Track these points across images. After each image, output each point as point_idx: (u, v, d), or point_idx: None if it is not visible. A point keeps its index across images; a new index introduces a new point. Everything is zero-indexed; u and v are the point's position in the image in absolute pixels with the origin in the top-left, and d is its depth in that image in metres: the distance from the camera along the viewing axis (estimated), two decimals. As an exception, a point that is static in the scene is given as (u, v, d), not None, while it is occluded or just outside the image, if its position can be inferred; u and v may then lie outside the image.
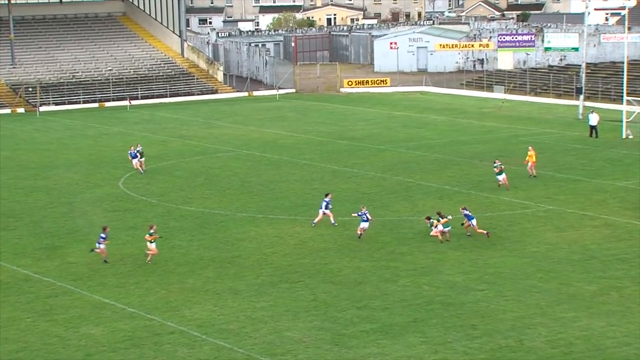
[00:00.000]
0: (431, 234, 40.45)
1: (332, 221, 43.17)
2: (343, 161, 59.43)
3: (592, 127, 67.10)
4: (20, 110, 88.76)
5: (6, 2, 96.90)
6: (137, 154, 56.39)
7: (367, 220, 40.87)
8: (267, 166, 58.54)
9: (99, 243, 38.16)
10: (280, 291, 34.35)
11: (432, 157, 59.58)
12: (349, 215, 44.45)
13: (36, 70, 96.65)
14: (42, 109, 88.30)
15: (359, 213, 41.16)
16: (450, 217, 40.86)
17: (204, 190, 51.63)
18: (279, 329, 30.47)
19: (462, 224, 40.99)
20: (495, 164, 49.98)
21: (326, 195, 43.66)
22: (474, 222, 40.76)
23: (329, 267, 37.15)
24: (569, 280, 34.97)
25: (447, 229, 40.31)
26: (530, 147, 54.84)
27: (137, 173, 55.78)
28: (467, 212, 40.97)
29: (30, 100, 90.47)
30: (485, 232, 40.69)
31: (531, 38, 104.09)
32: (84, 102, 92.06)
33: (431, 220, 40.61)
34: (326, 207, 43.06)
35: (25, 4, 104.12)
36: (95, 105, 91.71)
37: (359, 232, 41.08)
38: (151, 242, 38.08)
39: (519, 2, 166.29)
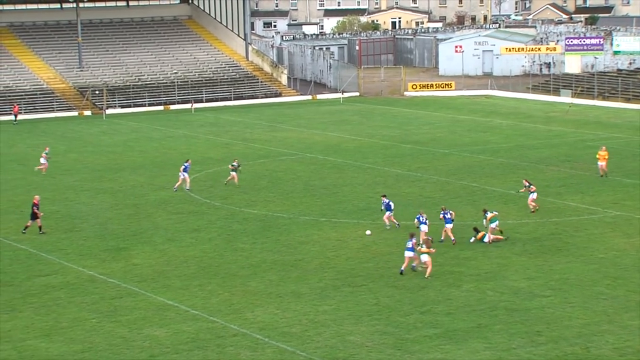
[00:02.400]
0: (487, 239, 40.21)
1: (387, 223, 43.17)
2: (407, 165, 59.25)
3: None
4: (87, 112, 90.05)
5: (74, 6, 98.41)
6: (234, 166, 54.06)
7: (425, 223, 40.66)
8: (330, 170, 58.58)
9: None
10: (343, 295, 34.34)
11: (497, 162, 59.14)
12: (412, 219, 44.28)
13: (103, 73, 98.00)
14: (109, 111, 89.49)
15: (418, 217, 41.17)
16: (496, 212, 40.97)
17: (267, 193, 51.84)
18: (341, 333, 30.46)
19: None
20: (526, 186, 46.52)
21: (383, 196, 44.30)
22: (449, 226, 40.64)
23: (392, 271, 37.05)
24: (637, 288, 34.43)
25: (495, 223, 40.32)
26: (603, 147, 54.69)
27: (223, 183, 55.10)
28: (447, 216, 40.68)
29: (96, 103, 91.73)
30: (453, 239, 40.44)
31: (599, 41, 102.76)
32: (150, 104, 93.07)
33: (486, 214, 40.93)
34: (388, 209, 43.14)
35: (93, 8, 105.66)
36: (161, 108, 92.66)
37: (423, 238, 40.73)
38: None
39: (587, 5, 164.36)
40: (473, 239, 40.97)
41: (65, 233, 44.11)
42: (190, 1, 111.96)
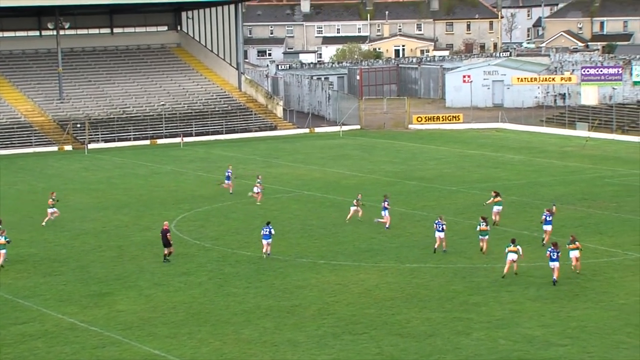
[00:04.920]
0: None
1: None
2: (412, 203, 59.32)
3: None
4: (68, 147, 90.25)
5: (54, 33, 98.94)
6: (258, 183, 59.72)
7: (442, 230, 45.61)
8: (329, 208, 58.64)
9: None
10: (343, 343, 34.27)
11: (509, 200, 59.19)
12: (418, 262, 44.37)
13: (85, 105, 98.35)
14: (91, 146, 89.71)
15: (436, 222, 45.90)
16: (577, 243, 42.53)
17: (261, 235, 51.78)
18: (341, 385, 30.37)
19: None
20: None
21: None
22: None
23: (395, 317, 37.01)
24: (660, 336, 34.40)
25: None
26: None
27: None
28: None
29: (78, 137, 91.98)
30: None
31: (618, 71, 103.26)
32: (135, 139, 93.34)
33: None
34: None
35: (74, 35, 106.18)
36: (147, 142, 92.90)
37: (437, 244, 46.05)
38: None
39: (605, 33, 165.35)
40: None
41: (44, 277, 44.06)
42: (178, 28, 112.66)
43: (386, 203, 51.90)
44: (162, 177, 72.54)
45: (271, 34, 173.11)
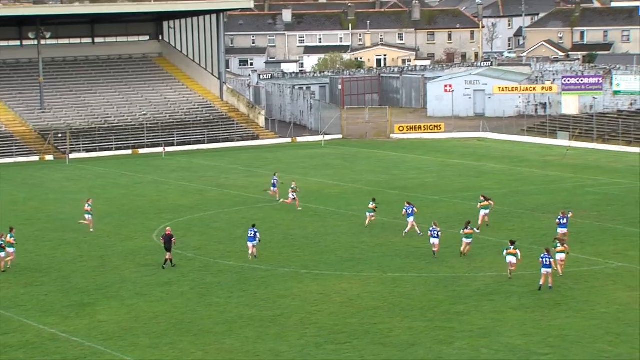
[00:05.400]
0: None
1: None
2: (393, 213, 59.37)
3: None
4: (49, 157, 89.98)
5: (35, 43, 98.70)
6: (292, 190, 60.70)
7: (437, 237, 46.85)
8: (311, 218, 58.65)
9: None
10: (326, 353, 34.26)
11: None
12: (400, 271, 44.47)
13: (66, 115, 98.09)
14: (72, 156, 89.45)
15: (430, 229, 47.08)
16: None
17: (244, 243, 51.74)
18: (324, 395, 30.37)
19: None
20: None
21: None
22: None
23: (378, 327, 37.03)
24: (641, 344, 34.54)
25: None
26: None
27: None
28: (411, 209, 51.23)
29: (59, 147, 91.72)
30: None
31: (598, 81, 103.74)
32: (117, 148, 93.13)
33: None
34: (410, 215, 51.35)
35: (56, 45, 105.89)
36: (129, 152, 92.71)
37: (434, 250, 47.16)
38: None
39: (585, 42, 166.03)
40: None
41: (25, 288, 43.90)
42: (160, 38, 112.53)
43: (411, 209, 52.83)
44: (144, 186, 72.40)
45: (253, 43, 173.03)
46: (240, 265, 46.93)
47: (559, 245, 43.77)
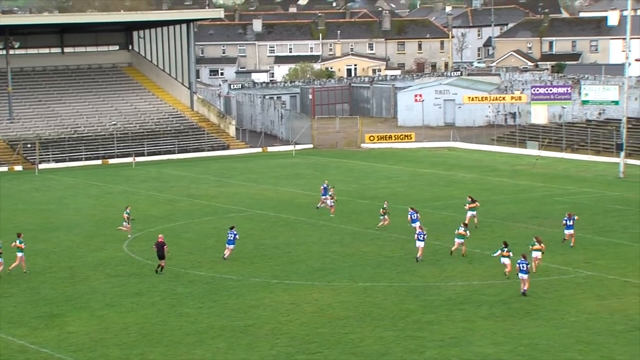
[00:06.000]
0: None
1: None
2: (364, 222, 59.45)
3: None
4: (18, 167, 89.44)
5: (4, 52, 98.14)
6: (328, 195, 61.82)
7: (423, 240, 48.10)
8: (282, 227, 58.60)
9: None
10: (297, 363, 34.21)
11: (460, 218, 59.43)
12: (371, 280, 44.52)
13: (35, 125, 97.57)
14: (42, 166, 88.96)
15: (417, 232, 48.50)
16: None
17: (215, 253, 51.70)
18: (295, 405, 30.32)
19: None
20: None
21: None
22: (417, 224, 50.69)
23: (349, 337, 37.03)
24: (611, 354, 34.70)
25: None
26: None
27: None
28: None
29: (28, 157, 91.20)
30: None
31: (567, 90, 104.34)
32: (87, 159, 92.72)
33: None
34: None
35: (25, 55, 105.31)
36: (99, 162, 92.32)
37: (419, 254, 48.27)
38: None
39: (554, 52, 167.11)
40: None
41: (-6, 298, 43.58)
42: (130, 47, 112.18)
43: (416, 215, 54.01)
44: (114, 197, 72.09)
45: (223, 53, 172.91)
46: (211, 276, 46.81)
47: (535, 243, 45.57)
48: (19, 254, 47.94)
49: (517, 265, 42.43)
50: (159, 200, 69.67)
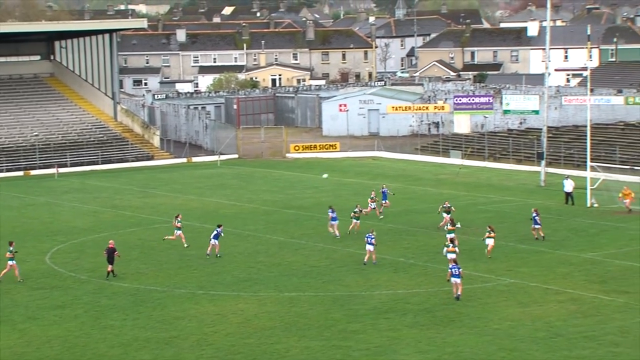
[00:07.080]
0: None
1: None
2: (290, 232, 59.46)
3: (568, 194, 67.71)
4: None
5: None
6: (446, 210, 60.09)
7: (372, 244, 48.74)
8: (207, 238, 58.28)
9: None
10: (223, 375, 34.07)
11: (385, 227, 59.85)
12: (297, 290, 44.54)
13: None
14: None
15: (367, 235, 49.17)
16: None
17: (139, 264, 51.29)
18: (221, 417, 30.19)
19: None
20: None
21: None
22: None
23: (275, 347, 36.99)
24: None
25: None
26: (625, 187, 65.04)
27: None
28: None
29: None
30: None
31: (489, 100, 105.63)
32: (8, 170, 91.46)
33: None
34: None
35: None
36: (20, 173, 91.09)
37: (366, 257, 49.12)
38: None
39: (476, 62, 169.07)
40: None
41: None
42: (52, 58, 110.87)
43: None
44: (36, 208, 71.15)
45: (147, 63, 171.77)
46: (135, 287, 46.43)
47: (450, 245, 47.54)
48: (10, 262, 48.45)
49: (450, 270, 42.82)
50: (83, 211, 68.92)
